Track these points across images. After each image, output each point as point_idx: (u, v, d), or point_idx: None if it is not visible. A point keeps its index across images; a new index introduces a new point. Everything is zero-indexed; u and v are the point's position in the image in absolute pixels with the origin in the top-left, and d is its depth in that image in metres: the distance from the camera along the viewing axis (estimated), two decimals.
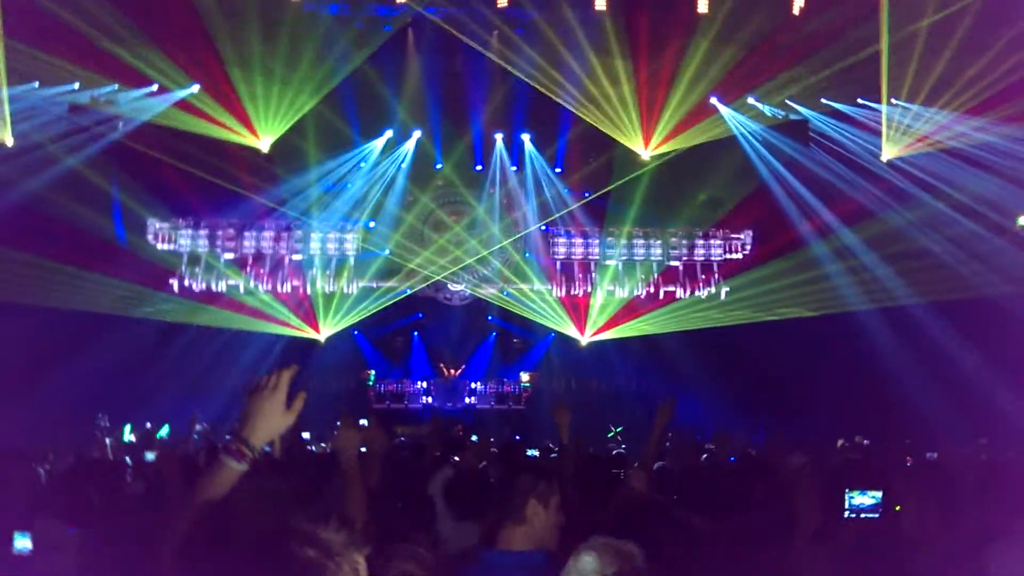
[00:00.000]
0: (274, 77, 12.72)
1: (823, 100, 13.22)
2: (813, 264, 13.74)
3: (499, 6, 12.45)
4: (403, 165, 14.92)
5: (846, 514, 2.82)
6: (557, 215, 15.26)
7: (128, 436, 11.12)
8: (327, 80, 13.13)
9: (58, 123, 12.40)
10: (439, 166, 15.22)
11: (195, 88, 12.83)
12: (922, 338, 11.96)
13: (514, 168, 15.27)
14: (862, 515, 2.82)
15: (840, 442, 9.65)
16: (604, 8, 12.15)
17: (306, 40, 12.45)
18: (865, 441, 9.17)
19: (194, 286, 14.45)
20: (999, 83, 10.86)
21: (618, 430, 13.66)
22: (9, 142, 11.73)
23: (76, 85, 12.32)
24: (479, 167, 15.27)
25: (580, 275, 15.41)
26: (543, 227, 15.52)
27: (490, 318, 16.21)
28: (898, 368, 11.95)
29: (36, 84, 11.96)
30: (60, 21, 10.66)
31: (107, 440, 10.29)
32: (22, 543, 3.57)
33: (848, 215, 13.34)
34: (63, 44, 11.09)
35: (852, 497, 2.85)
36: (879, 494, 2.86)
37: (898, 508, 2.91)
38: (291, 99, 13.02)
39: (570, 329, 15.36)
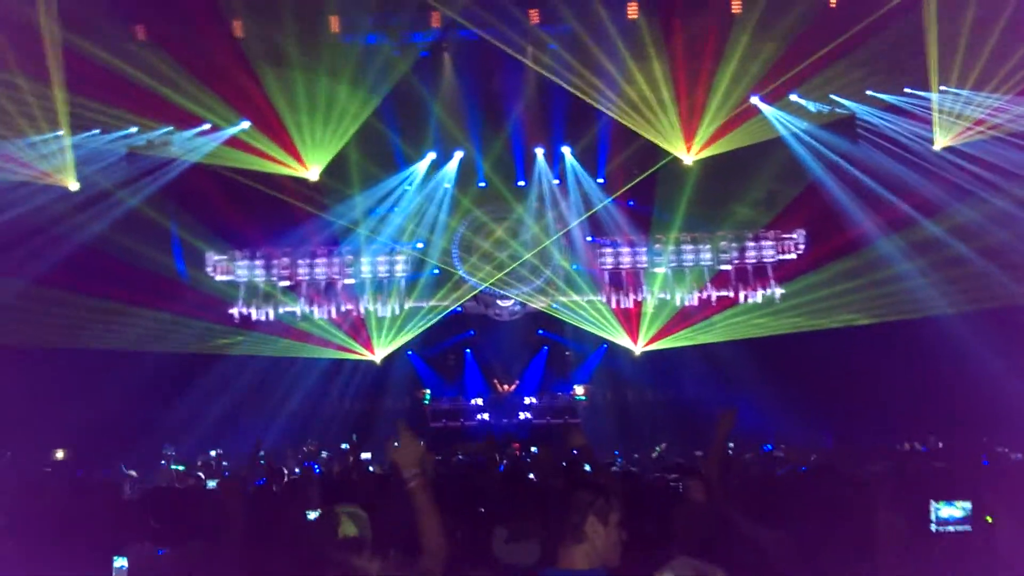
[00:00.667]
0: (318, 108, 13.02)
1: (869, 92, 12.93)
2: (871, 267, 13.27)
3: (533, 22, 12.56)
4: (447, 185, 15.08)
5: (933, 527, 2.70)
6: (590, 215, 15.18)
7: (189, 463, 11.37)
8: (369, 107, 13.40)
9: (118, 167, 12.93)
10: (482, 184, 15.34)
11: (245, 124, 13.23)
12: (988, 336, 11.45)
13: (556, 181, 15.29)
14: (951, 527, 2.70)
15: (908, 445, 9.32)
16: (637, 16, 12.14)
17: (346, 70, 12.73)
18: (939, 443, 8.82)
19: (253, 315, 14.75)
20: None
21: (661, 448, 13.47)
22: (74, 187, 12.27)
23: (134, 129, 12.85)
24: (522, 182, 15.33)
25: (629, 284, 15.28)
26: (589, 238, 15.48)
27: (541, 332, 16.21)
28: (967, 366, 11.46)
29: (97, 131, 12.50)
30: (115, 71, 11.15)
31: (173, 469, 10.61)
32: (120, 563, 3.79)
33: (902, 213, 12.87)
34: (119, 92, 11.55)
35: (939, 509, 2.72)
36: (968, 505, 2.72)
37: (990, 519, 2.77)
38: (335, 128, 13.30)
39: (623, 339, 15.24)
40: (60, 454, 12.39)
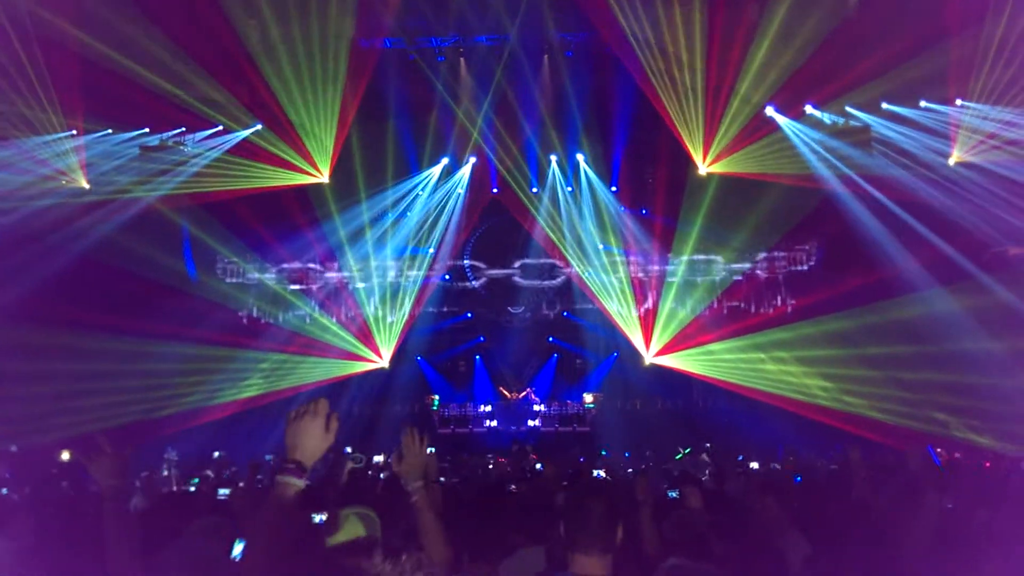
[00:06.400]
0: (333, 112, 13.03)
1: (885, 105, 12.84)
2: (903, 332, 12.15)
3: (548, 30, 12.58)
4: (460, 191, 15.08)
5: None
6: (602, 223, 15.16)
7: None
8: (384, 112, 13.43)
9: (130, 166, 12.93)
10: (495, 190, 15.32)
11: (258, 127, 13.26)
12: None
13: (569, 188, 15.26)
14: None
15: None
16: (654, 28, 12.12)
17: (362, 74, 12.75)
18: (956, 454, 8.70)
19: (261, 319, 14.68)
20: None
21: (686, 451, 13.34)
22: (86, 186, 12.29)
23: (146, 129, 12.89)
24: (535, 189, 15.31)
25: (640, 294, 15.19)
26: (601, 246, 15.42)
27: (551, 339, 16.14)
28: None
29: (109, 131, 12.54)
30: (130, 71, 11.18)
31: (174, 474, 10.50)
32: None
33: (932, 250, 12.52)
34: (134, 91, 11.56)
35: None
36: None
37: None
38: (350, 132, 13.31)
39: (633, 349, 15.14)
40: (66, 455, 12.33)
